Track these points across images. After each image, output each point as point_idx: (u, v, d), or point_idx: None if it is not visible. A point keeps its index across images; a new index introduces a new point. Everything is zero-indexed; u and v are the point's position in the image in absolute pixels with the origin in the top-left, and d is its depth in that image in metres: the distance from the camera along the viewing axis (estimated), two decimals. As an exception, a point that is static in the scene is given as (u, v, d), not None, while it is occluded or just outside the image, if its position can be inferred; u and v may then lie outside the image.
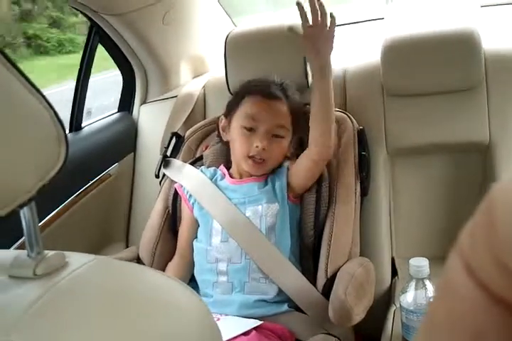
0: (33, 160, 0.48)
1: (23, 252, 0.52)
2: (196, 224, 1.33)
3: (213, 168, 1.37)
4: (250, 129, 1.27)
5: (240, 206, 1.27)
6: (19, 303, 0.45)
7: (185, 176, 1.38)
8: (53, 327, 0.44)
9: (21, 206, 0.48)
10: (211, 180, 1.34)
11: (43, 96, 0.49)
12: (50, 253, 0.52)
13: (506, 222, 0.19)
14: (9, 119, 0.46)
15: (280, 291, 1.22)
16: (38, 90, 0.48)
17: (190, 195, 1.34)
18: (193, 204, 1.33)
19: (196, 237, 1.32)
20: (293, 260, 1.25)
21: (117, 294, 0.51)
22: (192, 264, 1.31)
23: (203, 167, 1.40)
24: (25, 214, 0.52)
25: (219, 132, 1.38)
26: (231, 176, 1.33)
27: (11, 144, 0.46)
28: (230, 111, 1.33)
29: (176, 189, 1.38)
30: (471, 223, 0.21)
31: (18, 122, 0.47)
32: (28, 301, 0.45)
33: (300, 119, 1.32)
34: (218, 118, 1.40)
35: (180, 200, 1.37)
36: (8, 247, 1.24)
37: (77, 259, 0.53)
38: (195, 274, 1.30)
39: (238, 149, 1.29)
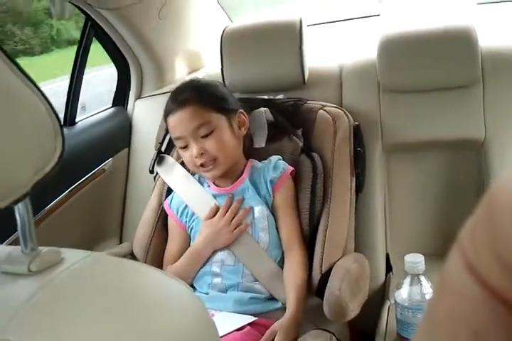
0: (29, 155, 0.47)
1: (17, 248, 0.52)
2: (186, 242, 1.33)
3: (197, 175, 1.36)
4: (185, 146, 1.26)
5: None
6: (14, 300, 0.45)
7: (176, 177, 1.38)
8: (49, 324, 0.44)
9: (16, 202, 0.47)
10: None
11: (38, 89, 0.48)
12: (44, 249, 0.51)
13: (506, 220, 0.19)
14: (3, 112, 0.45)
15: None
16: (33, 82, 0.47)
17: (180, 209, 1.33)
18: (182, 212, 1.33)
19: (190, 241, 1.33)
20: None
21: (113, 290, 0.50)
22: None
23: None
24: (19, 209, 0.51)
25: None
26: (215, 183, 1.33)
27: (5, 138, 0.45)
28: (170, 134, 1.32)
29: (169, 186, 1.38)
30: (471, 220, 0.21)
31: (12, 115, 0.46)
32: (23, 298, 0.44)
33: (228, 101, 1.29)
34: None
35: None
36: (1, 242, 1.23)
37: (72, 255, 0.52)
38: None
39: (187, 165, 1.30)
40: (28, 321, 0.43)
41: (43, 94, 0.48)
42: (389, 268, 1.44)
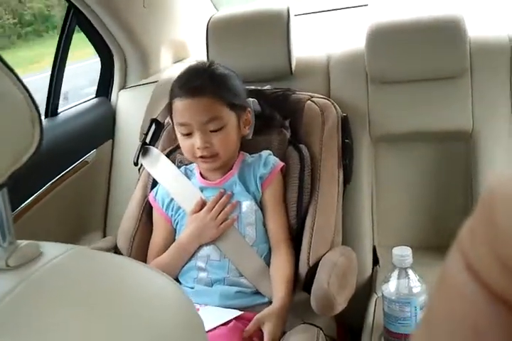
0: (5, 144, 0.46)
1: None
2: (171, 235, 1.31)
3: (183, 167, 1.35)
4: (188, 134, 1.23)
5: None
6: None
7: (161, 169, 1.36)
8: (27, 320, 0.42)
9: None
10: None
11: (17, 77, 0.46)
12: (23, 243, 0.50)
13: (506, 219, 0.18)
14: None
15: None
16: (11, 70, 0.46)
17: (165, 202, 1.31)
18: (168, 205, 1.31)
19: (175, 235, 1.31)
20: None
21: (95, 285, 0.49)
22: None
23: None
24: None
25: None
26: (203, 176, 1.31)
27: None
28: (170, 114, 1.29)
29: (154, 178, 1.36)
30: (470, 219, 0.20)
31: None
32: (1, 294, 0.43)
33: (240, 96, 1.26)
34: None
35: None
36: None
37: (52, 249, 0.51)
38: None
39: (185, 153, 1.27)
40: (6, 317, 0.42)
41: (22, 82, 0.47)
42: (375, 260, 1.44)
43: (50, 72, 1.60)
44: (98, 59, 1.79)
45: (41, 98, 1.52)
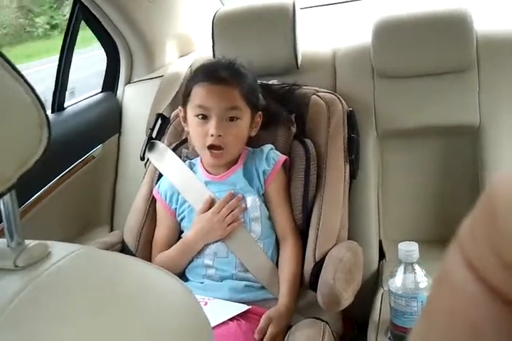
0: (13, 147, 0.46)
1: (3, 241, 0.50)
2: (175, 228, 1.32)
3: (188, 161, 1.35)
4: (203, 117, 1.22)
5: None
6: (0, 297, 0.44)
7: (168, 163, 1.36)
8: (36, 321, 0.43)
9: (0, 195, 0.46)
10: None
11: (25, 80, 0.46)
12: (31, 243, 0.50)
13: (507, 216, 0.18)
14: None
15: None
16: (19, 73, 0.46)
17: (168, 195, 1.31)
18: (171, 197, 1.31)
19: (182, 232, 1.31)
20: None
21: (102, 286, 0.49)
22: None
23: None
24: (4, 202, 0.50)
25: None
26: (207, 170, 1.31)
27: None
28: (184, 101, 1.29)
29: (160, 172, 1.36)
30: (470, 216, 0.20)
31: None
32: (10, 294, 0.43)
33: (257, 97, 1.29)
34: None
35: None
36: None
37: (60, 250, 0.51)
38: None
39: (195, 140, 1.27)
40: (15, 318, 0.42)
41: (29, 85, 0.46)
42: (382, 255, 1.44)
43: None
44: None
45: None
